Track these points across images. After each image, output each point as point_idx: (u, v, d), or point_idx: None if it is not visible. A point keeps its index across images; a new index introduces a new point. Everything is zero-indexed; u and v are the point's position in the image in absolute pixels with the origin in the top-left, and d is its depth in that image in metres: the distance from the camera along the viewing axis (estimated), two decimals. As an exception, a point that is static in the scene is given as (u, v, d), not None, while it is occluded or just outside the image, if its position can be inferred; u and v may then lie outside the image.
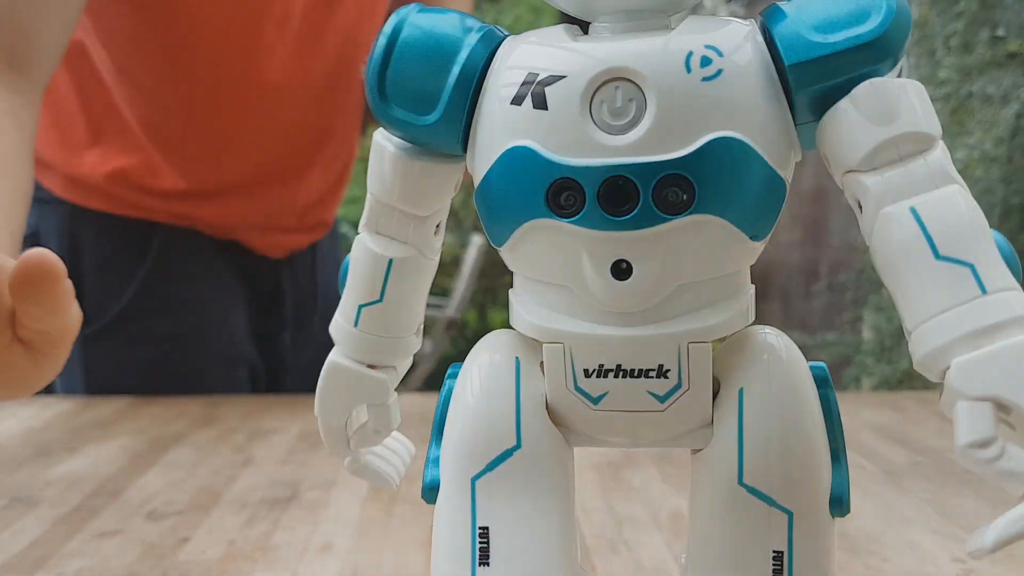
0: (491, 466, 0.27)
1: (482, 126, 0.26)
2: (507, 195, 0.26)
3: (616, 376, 0.26)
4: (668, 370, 0.26)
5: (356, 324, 0.30)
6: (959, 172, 0.25)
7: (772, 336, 0.28)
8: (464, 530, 0.27)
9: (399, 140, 0.28)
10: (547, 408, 0.28)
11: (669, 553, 0.46)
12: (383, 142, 0.28)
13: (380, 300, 0.29)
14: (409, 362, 0.32)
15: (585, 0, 0.26)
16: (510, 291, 0.29)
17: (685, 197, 0.24)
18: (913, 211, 0.24)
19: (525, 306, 0.27)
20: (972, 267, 0.24)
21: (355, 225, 0.30)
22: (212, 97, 0.78)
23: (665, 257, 0.25)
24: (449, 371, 0.30)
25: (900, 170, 0.24)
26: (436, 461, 0.29)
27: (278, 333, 0.90)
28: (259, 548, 0.47)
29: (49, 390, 0.90)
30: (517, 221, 0.26)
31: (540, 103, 0.25)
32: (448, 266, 3.30)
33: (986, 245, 0.24)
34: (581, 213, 0.24)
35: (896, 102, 0.25)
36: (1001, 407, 0.23)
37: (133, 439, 0.68)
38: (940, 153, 0.25)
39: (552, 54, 0.25)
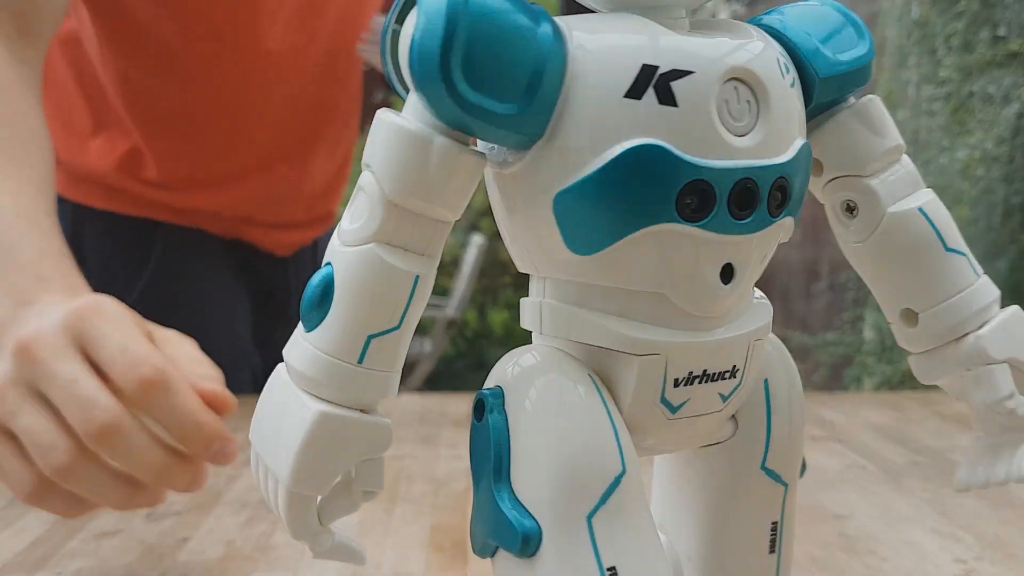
0: (604, 499, 0.24)
1: (574, 119, 0.23)
2: (626, 197, 0.23)
3: (701, 382, 0.26)
4: (738, 370, 0.26)
5: (362, 360, 0.24)
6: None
7: None
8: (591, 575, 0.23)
9: (449, 129, 0.23)
10: None
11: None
12: (427, 133, 0.23)
13: (399, 327, 0.24)
14: None
15: None
16: (550, 300, 0.26)
17: (782, 199, 0.25)
18: (922, 211, 0.28)
19: (605, 317, 0.25)
20: (966, 256, 0.29)
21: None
22: (212, 68, 0.77)
23: (758, 259, 0.26)
24: (489, 402, 0.25)
25: (890, 175, 0.28)
26: (518, 506, 0.24)
27: (281, 332, 0.90)
28: (259, 548, 0.47)
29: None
30: (635, 225, 0.23)
31: (667, 99, 0.23)
32: (448, 266, 3.31)
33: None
34: (710, 216, 0.23)
35: (886, 117, 0.28)
36: (1015, 367, 0.29)
37: (133, 439, 0.68)
38: (908, 159, 0.29)
39: (666, 46, 0.23)
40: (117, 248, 0.82)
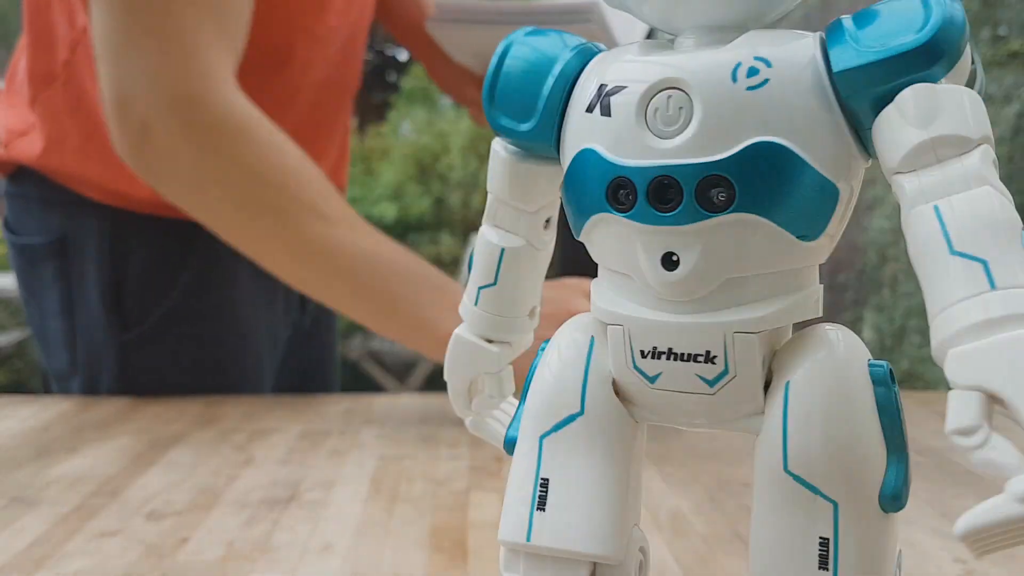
0: (557, 427, 0.31)
1: (567, 132, 0.30)
2: (579, 192, 0.29)
3: (668, 359, 0.29)
4: (715, 356, 0.28)
5: (476, 303, 0.34)
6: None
7: (833, 333, 0.29)
8: (529, 479, 0.31)
9: (509, 145, 0.32)
10: (614, 383, 0.31)
11: (669, 553, 0.46)
12: (497, 147, 0.32)
13: (495, 283, 0.34)
14: (527, 338, 0.36)
15: (667, 17, 0.29)
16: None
17: (726, 197, 0.26)
18: (936, 209, 0.25)
19: (599, 291, 0.31)
20: (985, 263, 0.24)
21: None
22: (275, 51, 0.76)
23: (708, 251, 0.27)
24: (542, 345, 0.33)
25: (936, 172, 0.25)
26: (518, 419, 0.32)
27: (313, 324, 0.90)
28: (259, 548, 0.47)
29: (58, 391, 0.90)
30: (586, 215, 0.29)
31: (606, 111, 0.28)
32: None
33: (1008, 243, 0.24)
34: (634, 208, 0.27)
35: (937, 106, 0.25)
36: (997, 400, 0.23)
37: (133, 439, 0.68)
38: (978, 157, 0.25)
39: (621, 67, 0.28)
40: (158, 251, 0.81)
